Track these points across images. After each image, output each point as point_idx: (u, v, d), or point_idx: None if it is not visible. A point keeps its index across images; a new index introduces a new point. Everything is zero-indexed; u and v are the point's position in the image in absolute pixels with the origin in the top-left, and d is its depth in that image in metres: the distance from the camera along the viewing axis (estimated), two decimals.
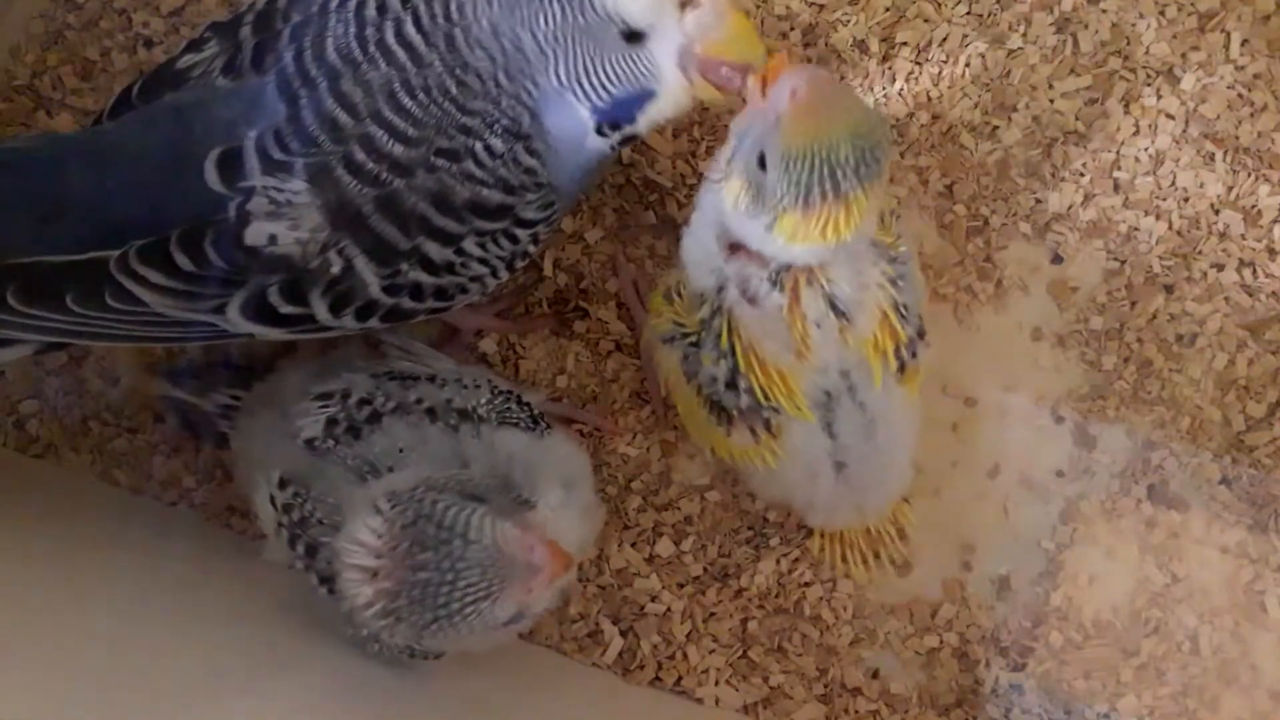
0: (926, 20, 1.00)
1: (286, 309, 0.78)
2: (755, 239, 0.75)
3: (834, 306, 0.77)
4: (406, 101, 0.76)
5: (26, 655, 0.69)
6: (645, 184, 1.00)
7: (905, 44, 1.00)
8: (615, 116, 0.77)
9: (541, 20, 0.74)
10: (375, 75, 0.76)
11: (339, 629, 0.81)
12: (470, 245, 0.80)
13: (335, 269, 0.78)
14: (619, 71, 0.75)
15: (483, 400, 0.82)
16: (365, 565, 0.70)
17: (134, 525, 0.97)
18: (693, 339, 0.82)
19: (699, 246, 0.81)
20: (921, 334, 0.82)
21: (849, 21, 1.00)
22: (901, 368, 0.81)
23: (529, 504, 0.76)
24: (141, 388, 1.00)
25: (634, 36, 0.74)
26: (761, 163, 0.72)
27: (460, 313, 0.98)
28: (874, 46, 1.00)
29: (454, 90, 0.76)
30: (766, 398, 0.80)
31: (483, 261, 0.82)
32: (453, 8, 0.76)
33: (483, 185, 0.78)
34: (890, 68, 1.00)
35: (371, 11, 0.77)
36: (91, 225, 0.76)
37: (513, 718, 0.87)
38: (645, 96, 0.77)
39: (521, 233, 0.82)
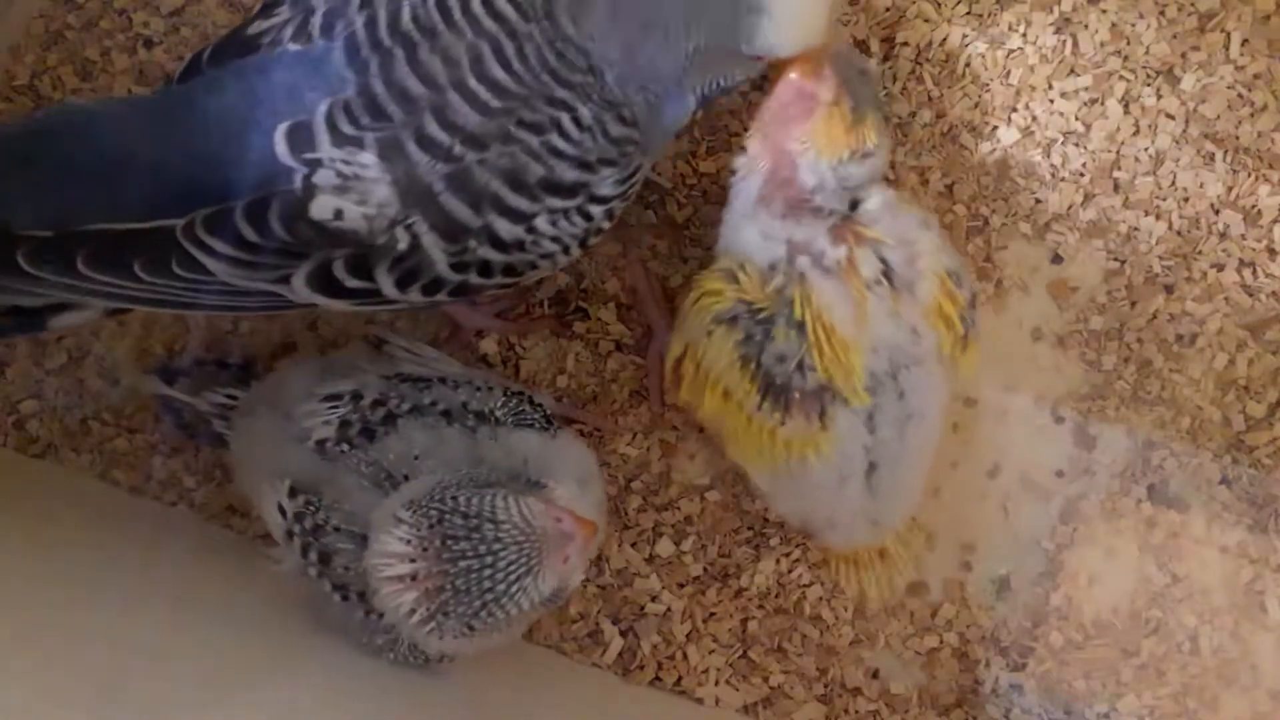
0: (926, 20, 1.00)
1: (352, 283, 0.78)
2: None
3: (887, 268, 0.81)
4: (496, 72, 0.75)
5: (26, 655, 0.69)
6: (645, 184, 1.00)
7: (905, 44, 1.00)
8: (718, 95, 0.83)
9: (670, 54, 0.78)
10: (458, 45, 0.75)
11: (354, 637, 0.81)
12: (542, 223, 0.79)
13: (402, 245, 0.76)
14: (737, 77, 0.83)
15: (498, 403, 0.82)
16: (401, 573, 0.71)
17: (134, 525, 0.97)
18: (762, 314, 0.82)
19: (752, 226, 0.83)
20: (973, 300, 0.84)
21: (849, 21, 1.00)
22: (964, 338, 0.83)
23: (540, 485, 0.77)
24: (139, 386, 1.00)
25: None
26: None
27: (461, 312, 0.98)
28: (874, 46, 1.00)
29: (553, 62, 0.76)
30: (827, 374, 0.81)
31: (555, 239, 0.81)
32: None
33: (560, 160, 0.77)
34: (890, 68, 1.00)
35: None
36: (156, 188, 0.76)
37: (513, 718, 0.87)
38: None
39: (596, 209, 0.81)
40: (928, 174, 0.99)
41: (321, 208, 0.75)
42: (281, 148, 0.74)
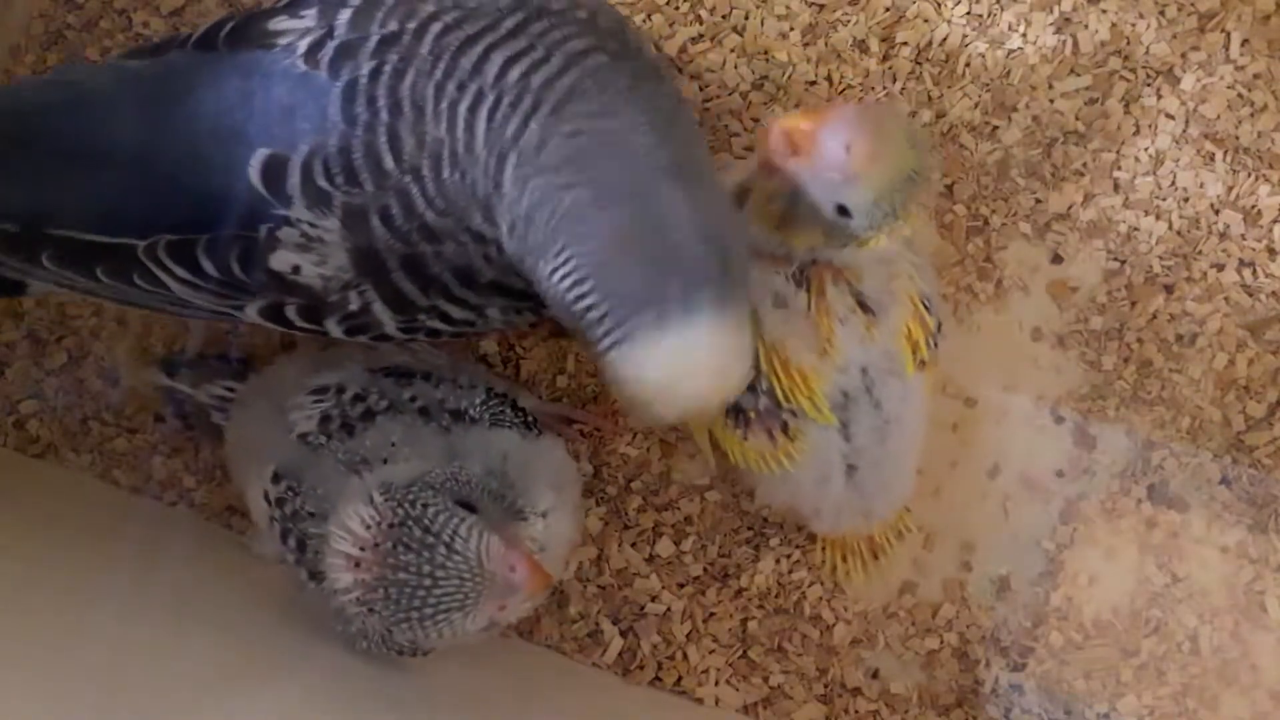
0: (926, 20, 1.00)
1: (301, 324, 0.79)
2: (834, 257, 0.78)
3: (861, 304, 0.80)
4: (446, 173, 0.73)
5: (26, 655, 0.69)
6: None
7: (905, 44, 1.00)
8: None
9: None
10: (433, 133, 0.73)
11: (329, 625, 0.81)
12: (493, 313, 0.79)
13: (353, 306, 0.77)
14: None
15: (476, 401, 0.82)
16: (349, 553, 0.71)
17: (134, 525, 0.97)
18: None
19: None
20: (939, 326, 0.84)
21: (849, 21, 1.00)
22: (923, 363, 0.82)
23: (521, 514, 0.76)
24: (139, 379, 1.00)
25: None
26: (843, 211, 0.75)
27: None
28: (874, 46, 1.00)
29: (489, 189, 0.73)
30: (786, 399, 0.80)
31: (505, 323, 0.81)
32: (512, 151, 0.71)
33: (510, 272, 0.76)
34: (890, 68, 1.00)
35: (465, 64, 0.72)
36: (132, 193, 0.76)
37: (512, 718, 0.87)
38: None
39: (546, 309, 0.80)
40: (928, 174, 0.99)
41: (281, 261, 0.75)
42: (255, 174, 0.74)
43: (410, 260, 0.75)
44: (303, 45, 0.75)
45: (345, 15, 0.75)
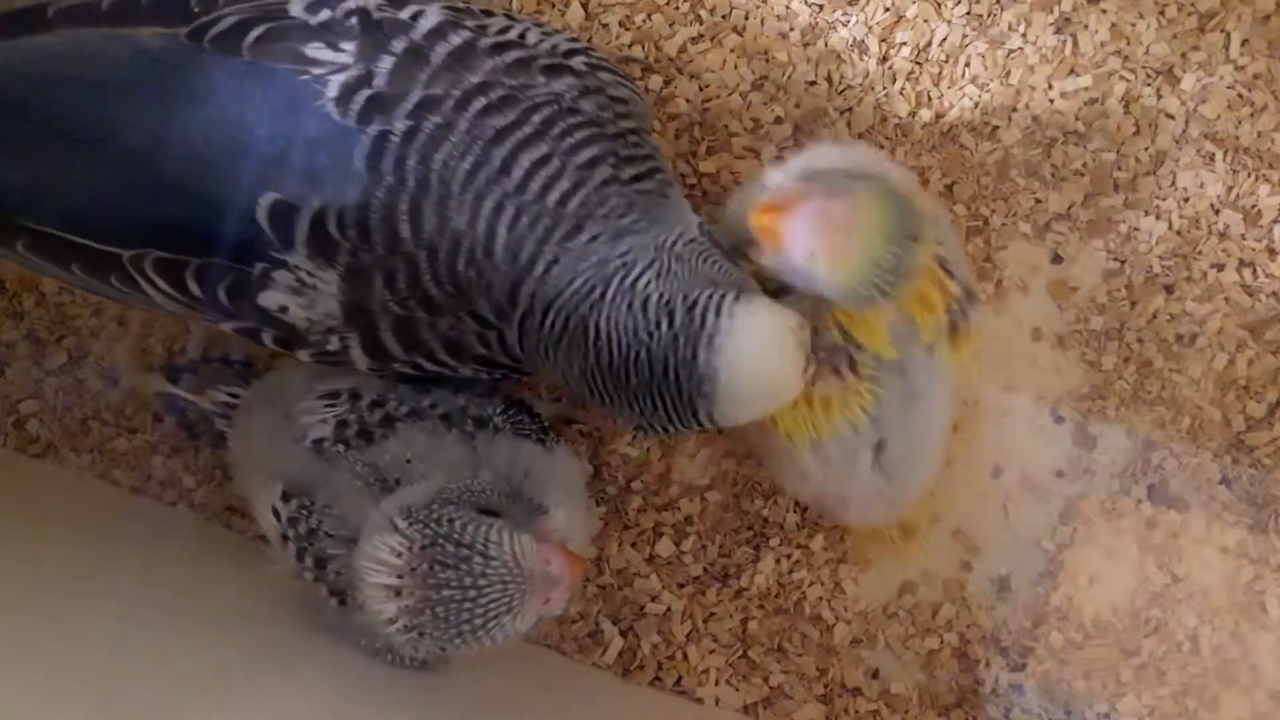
0: (926, 20, 1.00)
1: (273, 347, 0.79)
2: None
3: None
4: (461, 266, 0.73)
5: (26, 655, 0.69)
6: None
7: (905, 44, 1.00)
8: None
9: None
10: (455, 218, 0.72)
11: (352, 640, 0.80)
12: (465, 372, 0.80)
13: (330, 347, 0.77)
14: None
15: (497, 409, 0.82)
16: (387, 584, 0.71)
17: (134, 525, 0.97)
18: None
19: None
20: (970, 295, 0.82)
21: (848, 21, 1.00)
22: (954, 329, 0.81)
23: (542, 510, 0.76)
24: (140, 386, 1.00)
25: None
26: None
27: None
28: (874, 46, 1.00)
29: (501, 299, 0.74)
30: (846, 336, 0.79)
31: (475, 376, 0.81)
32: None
33: (501, 350, 0.77)
34: (890, 68, 1.00)
35: (495, 158, 0.72)
36: (133, 182, 0.73)
37: (513, 717, 0.87)
38: None
39: (518, 375, 0.82)
40: (928, 174, 0.99)
41: (270, 300, 0.75)
42: (262, 215, 0.72)
43: (403, 323, 0.75)
44: (335, 86, 0.72)
45: (387, 64, 0.72)
